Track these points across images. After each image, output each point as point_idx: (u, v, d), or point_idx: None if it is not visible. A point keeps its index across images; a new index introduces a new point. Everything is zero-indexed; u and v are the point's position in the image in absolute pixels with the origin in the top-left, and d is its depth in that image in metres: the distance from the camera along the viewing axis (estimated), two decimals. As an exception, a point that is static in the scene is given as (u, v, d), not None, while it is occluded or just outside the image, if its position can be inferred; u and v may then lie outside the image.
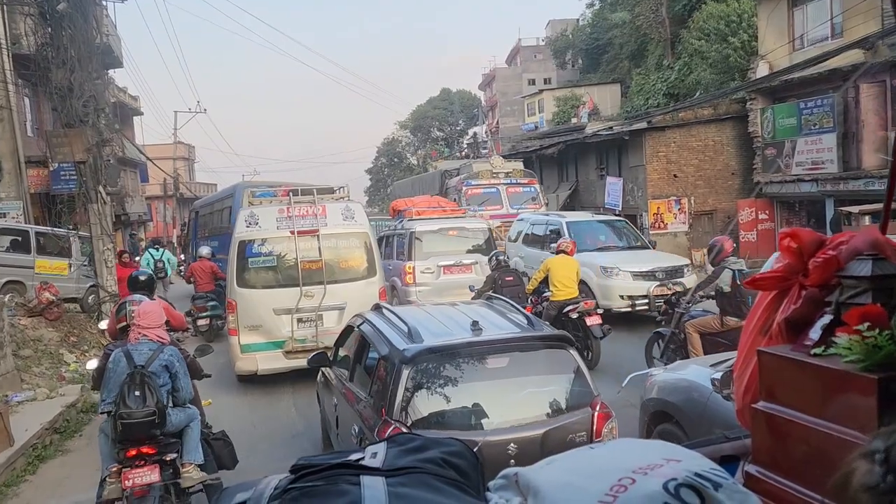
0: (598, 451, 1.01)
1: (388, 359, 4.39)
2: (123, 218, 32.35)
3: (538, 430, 4.10)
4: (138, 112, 36.22)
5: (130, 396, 4.43)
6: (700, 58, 25.09)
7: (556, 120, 36.64)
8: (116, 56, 24.85)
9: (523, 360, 4.50)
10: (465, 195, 18.33)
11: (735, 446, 1.89)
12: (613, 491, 0.84)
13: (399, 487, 0.90)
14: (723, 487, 0.85)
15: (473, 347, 4.38)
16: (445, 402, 4.22)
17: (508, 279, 9.45)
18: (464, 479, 0.98)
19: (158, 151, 37.46)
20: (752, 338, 1.80)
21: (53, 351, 9.06)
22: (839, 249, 1.64)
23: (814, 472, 1.41)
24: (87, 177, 9.19)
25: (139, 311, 4.86)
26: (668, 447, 0.98)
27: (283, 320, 8.75)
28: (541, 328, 4.75)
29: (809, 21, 17.27)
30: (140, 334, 4.73)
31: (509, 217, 17.50)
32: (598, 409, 4.32)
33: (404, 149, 74.48)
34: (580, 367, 4.50)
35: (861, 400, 1.35)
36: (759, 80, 17.44)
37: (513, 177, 19.01)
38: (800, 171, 16.97)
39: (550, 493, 0.89)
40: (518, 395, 4.41)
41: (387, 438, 1.05)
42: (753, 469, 1.62)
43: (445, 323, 4.82)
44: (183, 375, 4.80)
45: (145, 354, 4.64)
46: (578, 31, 45.18)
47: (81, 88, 9.01)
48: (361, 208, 9.77)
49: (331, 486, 0.91)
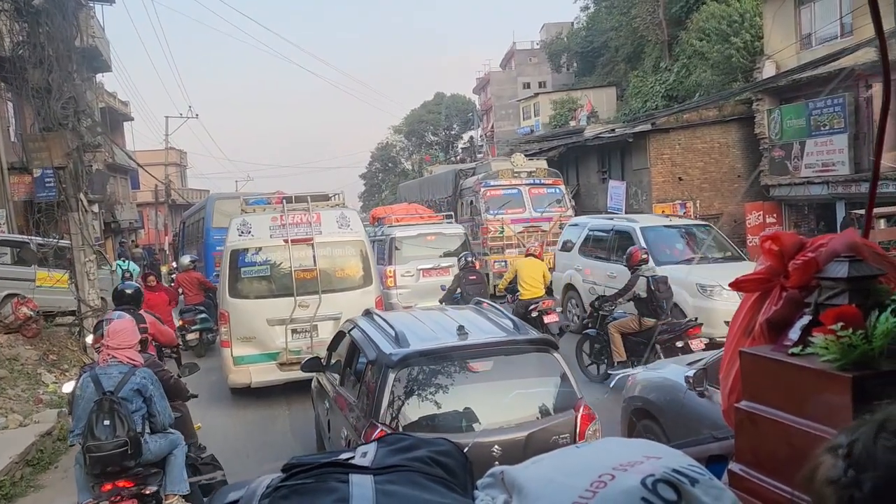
0: (583, 450, 1.02)
1: (376, 363, 4.49)
2: (114, 225, 31.75)
3: (522, 432, 4.19)
4: (128, 118, 35.66)
5: (99, 426, 4.05)
6: (701, 59, 24.71)
7: (552, 123, 36.29)
8: (104, 60, 24.23)
9: (508, 364, 4.57)
10: (482, 197, 16.67)
11: (723, 446, 1.91)
12: (593, 487, 0.85)
13: (387, 485, 0.92)
14: (699, 483, 0.86)
15: (459, 351, 4.48)
16: (431, 406, 4.30)
17: (472, 278, 10.15)
18: (452, 477, 0.99)
19: (150, 158, 37.05)
20: (736, 339, 1.82)
21: (31, 371, 8.43)
22: (818, 251, 1.67)
23: (795, 470, 1.31)
24: (67, 183, 8.59)
25: (108, 329, 4.40)
26: (650, 445, 0.98)
27: (277, 331, 8.53)
28: (526, 332, 4.82)
29: (817, 20, 16.83)
30: (109, 356, 4.30)
31: (533, 221, 16.43)
32: (581, 412, 4.40)
33: (398, 153, 74.04)
34: (564, 370, 4.59)
35: (837, 398, 1.38)
36: (769, 79, 17.00)
37: (536, 176, 17.20)
38: (809, 174, 16.51)
39: (533, 490, 0.90)
40: (503, 397, 4.51)
41: (378, 439, 1.06)
42: (737, 467, 1.64)
43: (432, 328, 4.88)
44: (159, 399, 4.39)
45: (115, 378, 4.21)
46: (573, 35, 44.99)
47: (60, 89, 8.42)
48: (357, 215, 9.65)
49: (320, 484, 0.93)
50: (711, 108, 19.46)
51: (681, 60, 28.70)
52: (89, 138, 9.06)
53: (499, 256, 16.18)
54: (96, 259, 17.75)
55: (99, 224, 25.26)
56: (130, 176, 35.98)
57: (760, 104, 18.20)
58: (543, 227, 16.46)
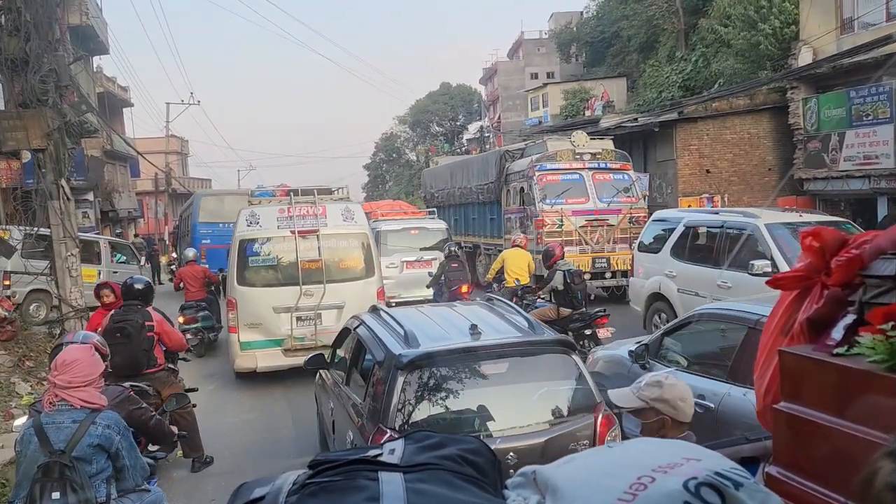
0: (617, 450, 1.00)
1: (384, 364, 4.25)
2: (111, 214, 30.83)
3: (539, 438, 3.99)
4: (128, 103, 34.74)
5: (45, 500, 3.03)
6: (723, 46, 23.73)
7: (564, 114, 35.43)
8: (101, 41, 23.22)
9: (523, 366, 4.33)
10: (537, 183, 14.01)
11: (755, 448, 1.89)
12: (633, 489, 0.83)
13: (417, 483, 0.90)
14: (744, 487, 0.84)
15: (472, 353, 4.23)
16: (442, 410, 4.07)
17: (454, 266, 11.01)
18: (481, 476, 0.97)
19: (150, 145, 36.25)
20: (773, 338, 1.78)
21: (3, 380, 7.44)
22: (862, 248, 1.62)
23: (836, 474, 1.38)
24: (47, 168, 7.60)
25: (56, 362, 3.34)
26: (687, 447, 0.96)
27: (283, 318, 8.89)
28: (542, 332, 4.56)
29: (860, 3, 15.76)
30: (56, 397, 3.23)
31: (598, 213, 13.84)
32: (601, 416, 4.17)
33: (403, 144, 73.05)
34: (582, 371, 4.38)
35: (885, 400, 1.32)
36: (809, 65, 15.94)
37: (601, 159, 14.46)
38: (849, 167, 15.46)
39: (570, 491, 0.88)
40: (518, 401, 4.29)
41: (404, 435, 1.05)
42: (774, 470, 1.61)
43: (443, 326, 4.66)
44: (129, 450, 3.39)
45: (66, 430, 3.17)
46: (583, 24, 44.12)
47: (39, 61, 7.41)
48: (361, 209, 9.96)
49: (349, 482, 0.91)
50: (742, 96, 18.40)
51: (698, 49, 27.85)
52: (73, 117, 8.04)
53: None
54: (132, 253, 17.01)
55: (94, 213, 24.30)
56: (130, 164, 35.22)
57: (795, 93, 17.13)
58: (610, 220, 13.95)
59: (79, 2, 18.50)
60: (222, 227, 20.28)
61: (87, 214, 22.94)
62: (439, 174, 22.27)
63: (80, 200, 22.28)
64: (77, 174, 19.97)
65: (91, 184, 22.89)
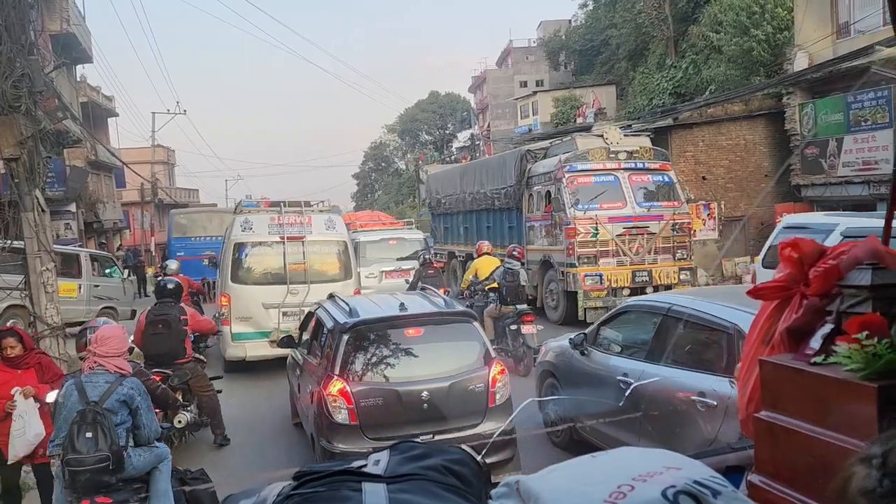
0: (601, 459, 1.00)
1: (333, 330, 5.52)
2: (96, 225, 30.20)
3: (446, 382, 5.22)
4: (113, 113, 34.09)
5: (80, 438, 3.91)
6: (715, 53, 23.60)
7: (554, 121, 35.25)
8: (84, 49, 22.70)
9: (436, 330, 5.61)
10: (567, 185, 12.32)
11: (740, 457, 1.89)
12: (612, 497, 0.84)
13: (400, 494, 0.91)
14: (721, 495, 0.85)
15: (398, 320, 5.54)
16: (375, 361, 5.34)
17: (430, 272, 11.64)
18: (466, 486, 0.98)
19: (136, 155, 35.79)
20: (755, 347, 1.80)
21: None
22: (840, 259, 1.64)
23: (816, 482, 1.39)
24: (20, 178, 7.17)
25: (96, 336, 4.30)
26: (669, 456, 0.97)
27: (271, 314, 9.96)
28: (452, 307, 5.89)
29: (856, 7, 15.60)
30: (95, 363, 4.17)
31: (638, 220, 12.29)
32: (493, 367, 5.42)
33: (392, 153, 72.73)
34: (482, 335, 5.73)
35: (861, 408, 1.34)
36: (805, 70, 15.75)
37: (638, 158, 12.78)
38: (847, 172, 15.28)
39: (552, 500, 0.89)
40: (432, 355, 5.45)
41: (390, 447, 1.06)
42: (756, 479, 1.62)
43: (381, 305, 5.92)
44: (146, 411, 4.26)
45: (100, 388, 4.07)
46: (572, 32, 44.12)
47: (11, 65, 7.00)
48: (342, 220, 11.20)
49: (333, 493, 0.92)
50: (737, 102, 18.21)
51: (689, 56, 27.77)
52: (48, 124, 7.62)
53: (591, 268, 12.07)
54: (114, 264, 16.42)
55: (77, 224, 23.73)
56: (115, 174, 34.68)
57: (791, 98, 16.97)
58: (651, 228, 12.44)
59: (59, 8, 18.04)
60: (194, 241, 20.38)
61: (69, 226, 22.40)
62: (447, 178, 20.19)
63: (63, 212, 21.75)
64: (57, 184, 19.46)
65: (73, 194, 22.30)
